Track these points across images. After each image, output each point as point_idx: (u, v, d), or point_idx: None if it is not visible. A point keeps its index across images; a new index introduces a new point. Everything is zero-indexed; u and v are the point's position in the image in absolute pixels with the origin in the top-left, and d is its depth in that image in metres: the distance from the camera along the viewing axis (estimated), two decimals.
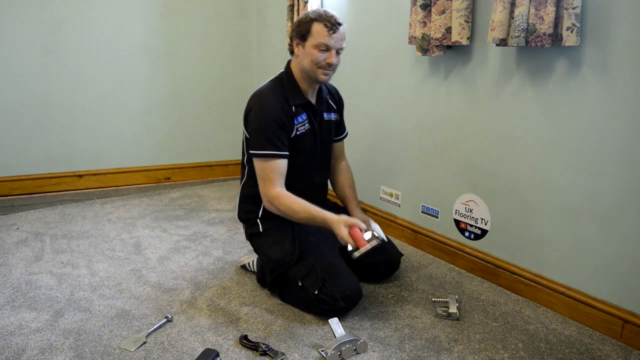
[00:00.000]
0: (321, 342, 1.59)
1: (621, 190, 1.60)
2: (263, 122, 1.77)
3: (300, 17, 1.82)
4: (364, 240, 1.66)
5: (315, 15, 1.76)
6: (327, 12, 1.78)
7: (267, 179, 1.77)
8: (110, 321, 1.68)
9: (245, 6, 3.63)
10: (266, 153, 1.76)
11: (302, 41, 1.79)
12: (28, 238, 2.41)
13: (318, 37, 1.74)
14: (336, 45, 1.77)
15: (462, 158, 2.14)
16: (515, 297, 1.93)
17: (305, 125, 1.86)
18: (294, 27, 1.82)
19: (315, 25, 1.75)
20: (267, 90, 1.84)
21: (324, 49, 1.75)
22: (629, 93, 1.54)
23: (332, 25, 1.74)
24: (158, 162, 3.50)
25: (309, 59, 1.77)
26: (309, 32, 1.76)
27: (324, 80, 1.83)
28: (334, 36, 1.75)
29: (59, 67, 3.09)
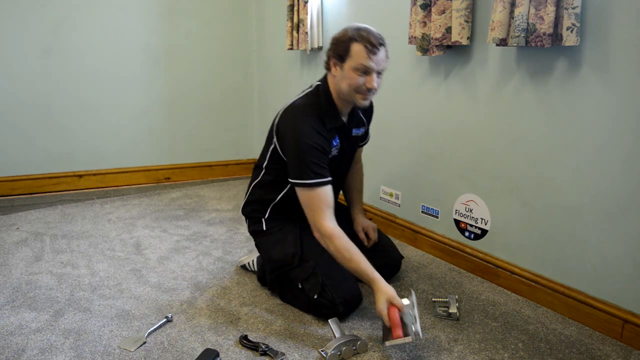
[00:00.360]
0: (321, 342, 1.59)
1: (621, 190, 1.60)
2: (304, 150, 1.64)
3: (338, 35, 1.67)
4: (399, 329, 1.48)
5: (354, 34, 1.61)
6: (368, 30, 1.62)
7: (316, 208, 1.65)
8: (110, 321, 1.68)
9: (245, 6, 3.63)
10: (311, 182, 1.64)
11: (339, 62, 1.65)
12: (28, 238, 2.41)
13: (357, 59, 1.60)
14: (377, 67, 1.62)
15: (462, 158, 2.14)
16: (515, 297, 1.93)
17: (337, 149, 1.79)
18: (331, 45, 1.68)
19: (354, 45, 1.60)
20: (304, 111, 1.71)
21: (364, 71, 1.62)
22: (629, 93, 1.54)
23: (372, 47, 1.59)
24: (158, 162, 3.50)
25: (347, 82, 1.65)
26: (348, 52, 1.62)
27: (363, 105, 1.72)
28: (374, 58, 1.60)
29: (59, 67, 3.09)
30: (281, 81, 3.42)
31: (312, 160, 1.65)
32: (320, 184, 1.65)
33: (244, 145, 3.81)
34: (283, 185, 1.82)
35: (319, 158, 1.66)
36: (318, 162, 1.66)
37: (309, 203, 1.67)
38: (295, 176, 1.68)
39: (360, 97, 1.67)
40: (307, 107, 1.72)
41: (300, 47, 2.90)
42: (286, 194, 1.83)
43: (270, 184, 1.86)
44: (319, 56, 2.97)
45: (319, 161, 1.66)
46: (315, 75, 3.02)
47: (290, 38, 3.00)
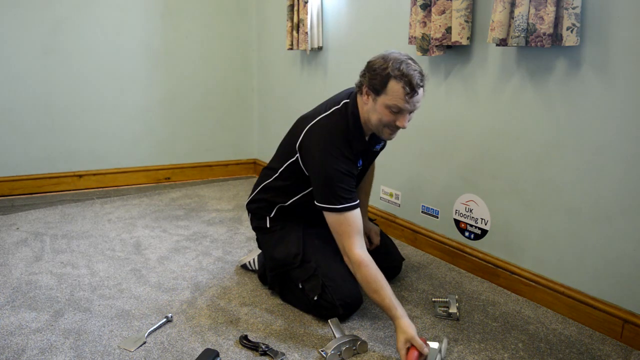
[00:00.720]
0: (321, 342, 1.59)
1: (621, 190, 1.60)
2: (332, 176, 1.60)
3: (376, 63, 1.55)
4: None
5: (395, 71, 1.50)
6: (410, 67, 1.51)
7: (345, 234, 1.61)
8: (110, 321, 1.68)
9: (245, 6, 3.63)
10: (340, 207, 1.60)
11: (374, 94, 1.56)
12: (28, 238, 2.41)
13: (394, 98, 1.52)
14: (412, 108, 1.56)
15: (462, 158, 2.14)
16: (515, 297, 1.93)
17: (359, 169, 1.77)
18: (368, 72, 1.57)
19: (393, 83, 1.51)
20: (331, 133, 1.64)
21: (397, 111, 1.55)
22: (629, 93, 1.54)
23: (412, 89, 1.51)
24: (158, 162, 3.50)
25: (378, 117, 1.58)
26: (384, 88, 1.53)
27: (388, 139, 1.68)
28: (412, 100, 1.53)
29: (59, 67, 3.09)
30: (281, 81, 3.42)
31: (341, 186, 1.60)
32: (349, 208, 1.60)
33: (244, 145, 3.81)
34: (296, 193, 1.80)
35: (347, 183, 1.62)
36: (347, 187, 1.61)
37: (338, 228, 1.62)
38: (323, 201, 1.63)
39: (387, 132, 1.63)
40: (335, 128, 1.65)
41: (300, 47, 2.90)
42: (297, 200, 1.82)
43: (282, 189, 1.83)
44: (319, 56, 2.97)
45: (347, 186, 1.62)
46: (316, 76, 3.02)
47: (290, 38, 3.00)
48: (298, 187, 1.78)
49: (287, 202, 1.84)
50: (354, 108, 1.66)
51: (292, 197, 1.83)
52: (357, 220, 1.62)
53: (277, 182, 1.84)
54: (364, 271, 1.58)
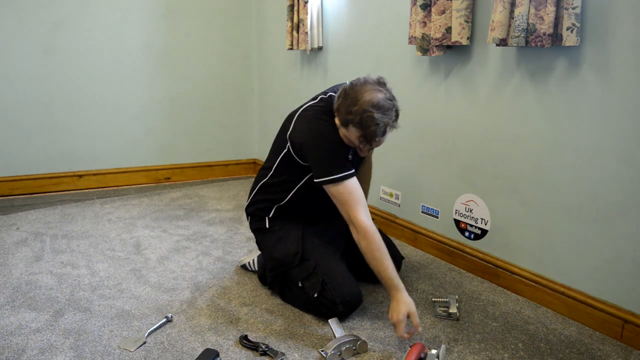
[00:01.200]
0: (321, 342, 1.59)
1: (621, 190, 1.60)
2: (327, 147, 1.65)
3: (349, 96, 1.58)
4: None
5: (356, 117, 1.54)
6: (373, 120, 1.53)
7: (349, 202, 1.63)
8: (110, 321, 1.68)
9: (245, 6, 3.63)
10: (340, 176, 1.62)
11: (342, 124, 1.63)
12: (28, 238, 2.41)
13: (351, 137, 1.61)
14: (375, 146, 1.64)
15: (462, 158, 2.14)
16: (515, 297, 1.93)
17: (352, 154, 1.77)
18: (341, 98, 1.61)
19: (351, 127, 1.57)
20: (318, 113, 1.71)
21: (359, 144, 1.63)
22: (629, 93, 1.54)
23: (368, 141, 1.58)
24: (158, 162, 3.50)
25: (347, 141, 1.65)
26: (346, 127, 1.59)
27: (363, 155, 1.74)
28: (367, 145, 1.62)
29: (59, 67, 3.09)
30: (281, 81, 3.42)
31: (338, 155, 1.66)
32: (347, 176, 1.64)
33: (244, 145, 3.81)
34: (291, 188, 1.82)
35: (342, 152, 1.68)
36: (343, 157, 1.67)
37: (341, 198, 1.64)
38: (322, 174, 1.65)
39: (361, 151, 1.69)
40: (322, 112, 1.71)
41: (300, 47, 2.90)
42: (294, 195, 1.83)
43: (278, 184, 1.85)
44: (318, 56, 2.97)
45: (343, 155, 1.68)
46: (316, 76, 3.02)
47: (290, 38, 3.00)
48: (292, 181, 1.80)
49: (284, 199, 1.85)
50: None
51: (288, 193, 1.84)
52: (358, 188, 1.66)
53: (273, 179, 1.86)
54: (369, 238, 1.62)
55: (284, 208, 1.86)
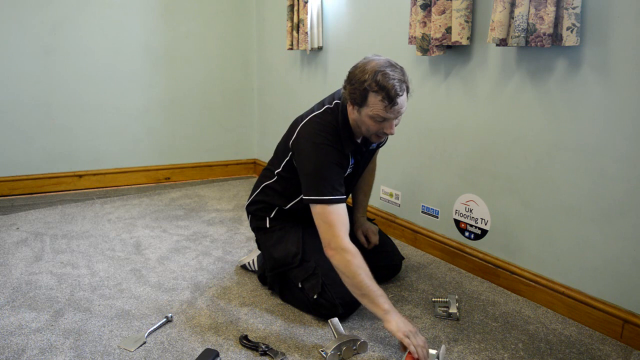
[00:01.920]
0: (321, 342, 1.59)
1: (621, 190, 1.60)
2: (323, 166, 1.61)
3: (355, 76, 1.54)
4: None
5: (372, 85, 1.50)
6: (387, 77, 1.49)
7: (331, 224, 1.58)
8: (110, 321, 1.68)
9: (245, 6, 3.63)
10: (330, 199, 1.59)
11: (356, 105, 1.57)
12: (28, 238, 2.41)
13: (374, 110, 1.53)
14: (395, 116, 1.56)
15: (462, 158, 2.14)
16: (515, 297, 1.93)
17: (352, 167, 1.78)
18: (349, 84, 1.57)
19: (371, 97, 1.51)
20: (322, 130, 1.66)
21: (381, 120, 1.55)
22: (629, 93, 1.54)
23: (391, 100, 1.50)
24: (158, 162, 3.50)
25: (365, 127, 1.60)
26: (365, 101, 1.53)
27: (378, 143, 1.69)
28: (393, 109, 1.53)
29: (59, 67, 3.09)
30: (281, 81, 3.42)
31: (332, 176, 1.61)
32: (337, 200, 1.60)
33: (244, 145, 3.81)
34: (294, 196, 1.81)
35: (336, 175, 1.63)
36: (337, 179, 1.62)
37: (326, 219, 1.59)
38: (312, 192, 1.61)
39: (376, 138, 1.65)
40: (326, 124, 1.67)
41: (300, 47, 2.90)
42: (296, 204, 1.82)
43: (281, 192, 1.84)
44: (319, 56, 2.97)
45: (336, 178, 1.62)
46: (316, 76, 3.02)
47: (290, 38, 3.00)
48: (296, 190, 1.77)
49: (287, 205, 1.84)
50: (344, 109, 1.68)
51: (291, 201, 1.83)
52: (345, 214, 1.61)
53: (276, 184, 1.85)
54: (346, 257, 1.55)
55: (285, 211, 1.86)
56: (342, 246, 1.56)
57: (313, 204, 1.61)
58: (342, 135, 1.67)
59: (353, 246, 1.57)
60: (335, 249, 1.57)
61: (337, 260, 1.58)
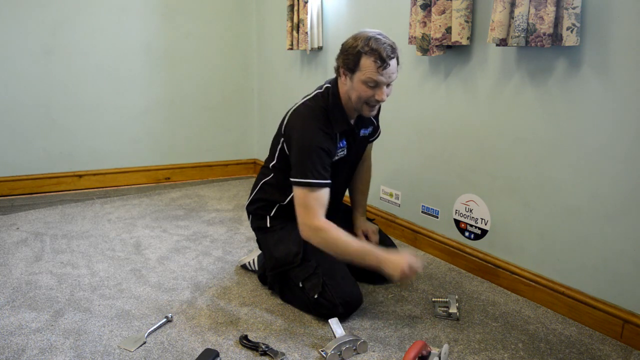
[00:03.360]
0: (321, 342, 1.59)
1: (621, 190, 1.60)
2: (310, 150, 1.66)
3: (348, 44, 1.64)
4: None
5: (364, 47, 1.58)
6: (379, 41, 1.58)
7: (309, 207, 1.65)
8: (110, 321, 1.68)
9: (245, 6, 3.63)
10: (313, 182, 1.64)
11: (349, 73, 1.65)
12: (28, 238, 2.41)
13: (367, 72, 1.59)
14: (387, 80, 1.62)
15: (462, 158, 2.14)
16: (515, 297, 1.93)
17: (344, 150, 1.80)
18: (342, 53, 1.66)
19: (364, 59, 1.58)
20: (313, 112, 1.71)
21: (373, 85, 1.62)
22: (629, 93, 1.54)
23: (383, 61, 1.57)
24: (158, 162, 3.50)
25: (356, 94, 1.65)
26: (357, 65, 1.60)
27: (369, 116, 1.74)
28: (385, 72, 1.60)
29: (59, 67, 3.09)
30: (281, 81, 3.42)
31: (317, 160, 1.66)
32: (321, 185, 1.66)
33: (244, 145, 3.81)
34: (290, 189, 1.80)
35: (323, 159, 1.67)
36: (322, 164, 1.67)
37: (304, 202, 1.66)
38: (297, 175, 1.67)
39: (367, 108, 1.69)
40: (316, 109, 1.73)
41: (300, 47, 2.90)
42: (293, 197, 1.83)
43: (278, 186, 1.86)
44: (319, 56, 2.97)
45: (323, 162, 1.67)
46: (316, 76, 3.02)
47: (290, 38, 3.00)
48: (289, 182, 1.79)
49: (285, 200, 1.85)
50: (334, 89, 1.74)
51: (288, 194, 1.83)
52: (325, 198, 1.67)
53: (273, 179, 1.87)
54: (331, 233, 1.63)
55: (285, 208, 1.86)
56: (316, 225, 1.65)
57: (296, 186, 1.68)
58: (332, 116, 1.71)
59: (325, 221, 1.65)
60: (311, 230, 1.66)
61: (316, 242, 1.66)
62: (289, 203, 1.84)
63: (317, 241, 1.66)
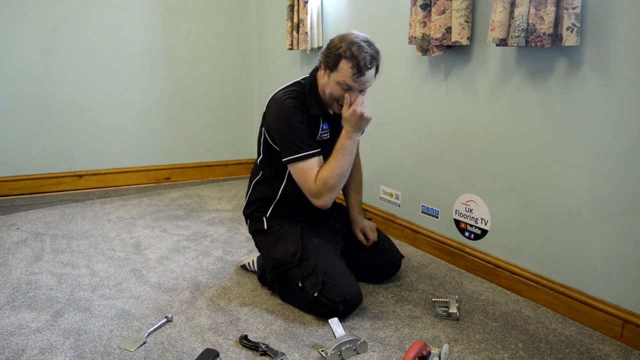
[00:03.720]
0: (321, 342, 1.59)
1: (621, 190, 1.60)
2: (291, 127, 1.71)
3: (334, 42, 1.70)
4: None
5: (346, 52, 1.63)
6: (362, 49, 1.63)
7: (307, 179, 1.70)
8: (110, 321, 1.68)
9: (245, 6, 3.63)
10: (302, 155, 1.70)
11: (328, 69, 1.71)
12: (28, 238, 2.41)
13: (343, 76, 1.66)
14: (360, 87, 1.69)
15: (462, 158, 2.14)
16: (515, 297, 1.93)
17: (327, 134, 1.84)
18: (326, 49, 1.72)
19: (343, 62, 1.65)
20: (286, 97, 1.77)
21: (346, 88, 1.68)
22: (629, 93, 1.54)
23: (359, 70, 1.63)
24: (158, 162, 3.50)
25: (330, 91, 1.71)
26: (336, 66, 1.67)
27: (338, 112, 1.78)
28: (359, 80, 1.66)
29: (59, 67, 3.09)
30: (281, 81, 3.38)
31: (301, 134, 1.71)
32: (312, 155, 1.71)
33: (244, 145, 3.81)
34: (281, 177, 1.84)
35: (306, 132, 1.73)
36: (308, 135, 1.73)
37: (304, 176, 1.71)
38: (287, 153, 1.72)
39: (337, 106, 1.75)
40: (292, 92, 1.79)
41: (300, 47, 2.90)
42: (285, 190, 1.85)
43: (268, 181, 1.88)
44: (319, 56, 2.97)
45: (308, 134, 1.73)
46: None
47: (290, 38, 3.00)
48: (279, 170, 1.84)
49: (277, 194, 1.87)
50: (312, 77, 1.81)
51: (279, 185, 1.86)
52: (320, 163, 1.73)
53: (263, 176, 1.91)
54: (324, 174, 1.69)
55: (279, 205, 1.88)
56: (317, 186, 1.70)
57: (291, 163, 1.73)
58: (309, 100, 1.77)
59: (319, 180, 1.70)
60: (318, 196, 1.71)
61: (330, 197, 1.72)
62: (281, 197, 1.87)
63: (329, 194, 1.71)
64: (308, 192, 1.73)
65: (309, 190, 1.72)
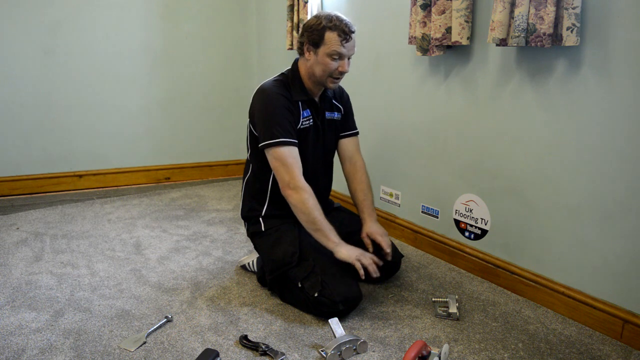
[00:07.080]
0: (321, 342, 1.59)
1: (621, 190, 1.60)
2: (270, 111, 1.76)
3: (311, 22, 1.78)
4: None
5: (328, 23, 1.73)
6: (340, 18, 1.74)
7: (286, 165, 1.73)
8: (110, 321, 1.68)
9: (245, 6, 3.63)
10: (279, 141, 1.73)
11: (314, 48, 1.77)
12: (28, 238, 2.41)
13: (331, 46, 1.73)
14: (349, 53, 1.77)
15: (462, 158, 2.14)
16: (515, 297, 1.93)
17: (310, 120, 1.86)
18: (305, 32, 1.79)
19: (328, 33, 1.73)
20: (270, 84, 1.83)
21: (337, 57, 1.75)
22: (629, 93, 1.54)
23: (345, 35, 1.73)
24: (158, 162, 3.51)
25: (321, 67, 1.77)
26: (322, 40, 1.74)
27: (333, 88, 1.86)
28: (347, 45, 1.74)
29: (59, 67, 3.10)
30: None
31: (281, 121, 1.75)
32: (288, 143, 1.74)
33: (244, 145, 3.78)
34: (268, 168, 1.85)
35: (287, 118, 1.76)
36: (288, 123, 1.76)
37: (283, 161, 1.73)
38: (265, 138, 1.75)
39: (331, 80, 1.80)
40: (275, 82, 1.84)
41: None
42: (274, 184, 1.87)
43: (258, 172, 1.91)
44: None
45: (288, 121, 1.76)
46: None
47: (290, 38, 3.00)
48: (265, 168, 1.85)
49: (268, 186, 1.89)
50: (294, 67, 1.87)
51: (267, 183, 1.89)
52: (297, 156, 1.76)
53: (251, 172, 1.94)
54: (302, 195, 1.72)
55: (273, 202, 1.89)
56: (300, 185, 1.73)
57: (268, 148, 1.76)
58: (292, 86, 1.83)
59: (308, 186, 1.75)
60: (294, 188, 1.73)
61: (295, 199, 1.74)
62: (271, 193, 1.89)
63: (295, 200, 1.73)
64: (282, 179, 1.76)
65: (283, 179, 1.75)
